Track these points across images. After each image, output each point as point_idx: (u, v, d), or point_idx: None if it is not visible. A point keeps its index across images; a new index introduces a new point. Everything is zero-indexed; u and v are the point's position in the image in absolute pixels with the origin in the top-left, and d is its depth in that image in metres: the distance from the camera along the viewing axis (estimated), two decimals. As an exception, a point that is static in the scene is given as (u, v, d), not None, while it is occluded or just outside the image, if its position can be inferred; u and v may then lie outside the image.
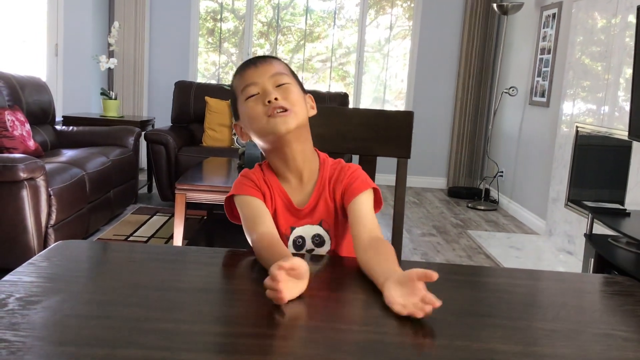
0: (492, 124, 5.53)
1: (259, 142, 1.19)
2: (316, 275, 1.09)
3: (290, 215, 1.22)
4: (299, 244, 1.22)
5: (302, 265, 0.89)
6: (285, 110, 1.12)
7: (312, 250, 1.23)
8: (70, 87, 5.52)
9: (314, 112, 1.22)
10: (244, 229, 1.17)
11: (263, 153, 1.23)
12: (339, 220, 1.22)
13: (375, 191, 1.22)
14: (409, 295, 0.86)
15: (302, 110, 1.16)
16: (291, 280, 0.88)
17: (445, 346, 0.78)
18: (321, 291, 0.99)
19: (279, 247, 1.06)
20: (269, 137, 1.15)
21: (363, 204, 1.17)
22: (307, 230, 1.22)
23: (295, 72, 1.25)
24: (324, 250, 1.23)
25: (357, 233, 1.13)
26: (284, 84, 1.15)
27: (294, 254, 1.04)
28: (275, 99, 1.12)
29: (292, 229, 1.22)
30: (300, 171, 1.21)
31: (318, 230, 1.22)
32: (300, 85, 1.21)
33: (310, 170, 1.22)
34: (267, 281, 0.86)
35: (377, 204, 1.24)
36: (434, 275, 0.86)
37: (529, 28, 5.09)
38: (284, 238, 1.21)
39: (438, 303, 0.84)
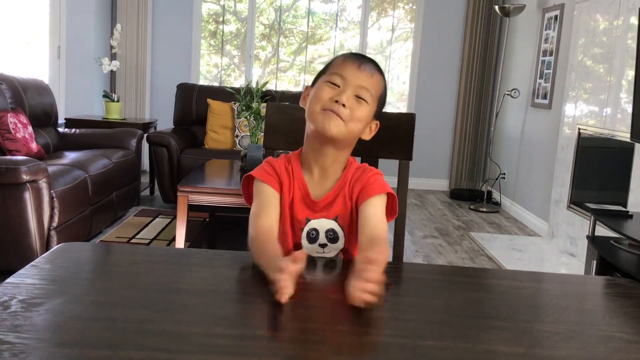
0: (494, 126, 5.53)
1: (307, 118, 1.21)
2: (317, 278, 1.09)
3: (306, 207, 1.23)
4: (313, 236, 1.23)
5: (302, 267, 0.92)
6: (342, 118, 1.14)
7: (325, 245, 1.24)
8: (73, 89, 5.53)
9: (368, 137, 1.24)
10: (250, 213, 1.20)
11: (305, 134, 1.25)
12: (354, 219, 1.23)
13: (392, 198, 1.23)
14: (354, 281, 0.88)
15: (356, 129, 1.18)
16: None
17: (448, 348, 0.78)
18: (322, 293, 0.99)
19: (268, 244, 1.08)
20: (313, 124, 1.18)
21: (373, 207, 1.19)
22: (322, 224, 1.23)
23: (380, 95, 1.23)
24: (337, 246, 1.24)
25: (360, 235, 1.16)
26: (362, 99, 1.16)
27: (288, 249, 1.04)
28: (343, 105, 1.14)
29: (308, 220, 1.23)
30: (326, 169, 1.23)
31: (333, 225, 1.23)
32: (378, 110, 1.22)
33: (335, 169, 1.24)
34: (278, 277, 0.88)
35: (392, 212, 1.24)
36: (371, 258, 0.89)
37: (531, 30, 5.09)
38: (299, 228, 1.23)
39: (374, 283, 0.85)
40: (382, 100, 1.23)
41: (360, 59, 1.19)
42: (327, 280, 1.09)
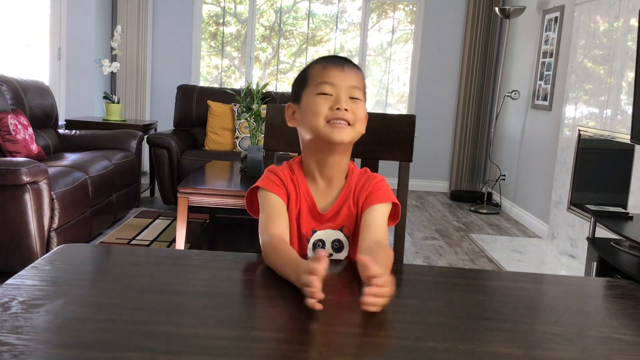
0: (494, 128, 5.53)
1: (305, 135, 1.20)
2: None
3: (312, 219, 1.23)
4: (319, 247, 1.23)
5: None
6: (348, 123, 1.14)
7: (331, 255, 1.24)
8: (73, 91, 5.54)
9: (364, 130, 1.24)
10: (259, 224, 1.19)
11: (301, 146, 1.24)
12: (359, 227, 1.23)
13: (395, 206, 1.24)
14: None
15: (360, 129, 1.18)
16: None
17: (448, 349, 0.78)
18: (324, 295, 0.99)
19: (287, 250, 1.07)
20: (319, 137, 1.16)
21: (376, 212, 1.19)
22: (328, 235, 1.23)
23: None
24: (342, 255, 1.25)
25: (362, 237, 1.16)
26: (356, 99, 1.16)
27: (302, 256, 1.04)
28: (345, 109, 1.14)
29: (314, 231, 1.23)
30: (331, 178, 1.23)
31: (339, 235, 1.23)
32: (365, 103, 1.23)
33: (339, 177, 1.24)
34: (309, 280, 0.87)
35: (394, 218, 1.25)
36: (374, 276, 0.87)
37: (531, 31, 5.09)
38: (305, 239, 1.23)
39: (373, 289, 0.86)
40: (365, 94, 1.23)
41: (340, 61, 1.18)
42: (327, 282, 1.08)
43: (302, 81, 1.21)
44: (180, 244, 3.02)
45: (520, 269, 3.59)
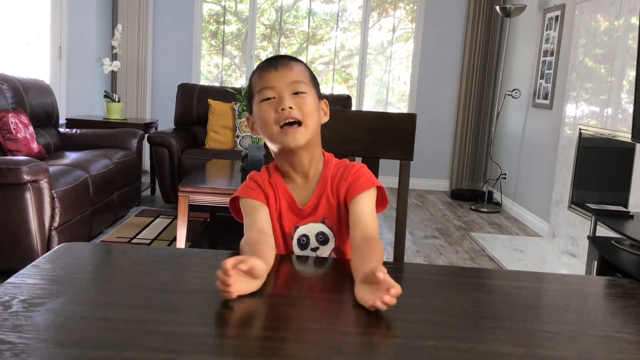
0: (495, 126, 5.53)
1: (267, 142, 1.21)
2: (317, 278, 1.09)
3: (294, 215, 1.23)
4: (304, 242, 1.23)
5: (257, 266, 0.92)
6: (298, 123, 1.13)
7: (317, 248, 1.24)
8: (74, 89, 5.54)
9: (326, 118, 1.24)
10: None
11: (272, 153, 1.25)
12: (342, 217, 1.22)
13: (380, 190, 1.23)
14: (375, 290, 0.88)
15: (314, 123, 1.17)
16: (244, 277, 0.91)
17: (448, 348, 0.78)
18: (322, 293, 0.99)
19: (254, 248, 1.07)
20: (277, 145, 1.17)
21: (363, 204, 1.18)
22: (310, 229, 1.23)
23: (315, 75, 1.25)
24: (328, 247, 1.24)
25: (352, 234, 1.15)
26: (300, 93, 1.15)
27: (275, 254, 1.04)
28: (290, 107, 1.13)
29: (296, 228, 1.23)
30: (307, 172, 1.23)
31: (321, 228, 1.23)
32: (318, 90, 1.22)
33: (316, 169, 1.24)
34: (219, 273, 0.88)
35: (383, 202, 1.24)
36: (392, 292, 0.86)
37: (532, 30, 5.09)
38: (289, 237, 1.23)
39: (395, 290, 0.85)
40: (315, 81, 1.22)
41: (272, 62, 1.17)
42: (326, 280, 1.08)
43: (249, 93, 1.22)
44: (180, 242, 3.02)
45: (520, 268, 3.59)
